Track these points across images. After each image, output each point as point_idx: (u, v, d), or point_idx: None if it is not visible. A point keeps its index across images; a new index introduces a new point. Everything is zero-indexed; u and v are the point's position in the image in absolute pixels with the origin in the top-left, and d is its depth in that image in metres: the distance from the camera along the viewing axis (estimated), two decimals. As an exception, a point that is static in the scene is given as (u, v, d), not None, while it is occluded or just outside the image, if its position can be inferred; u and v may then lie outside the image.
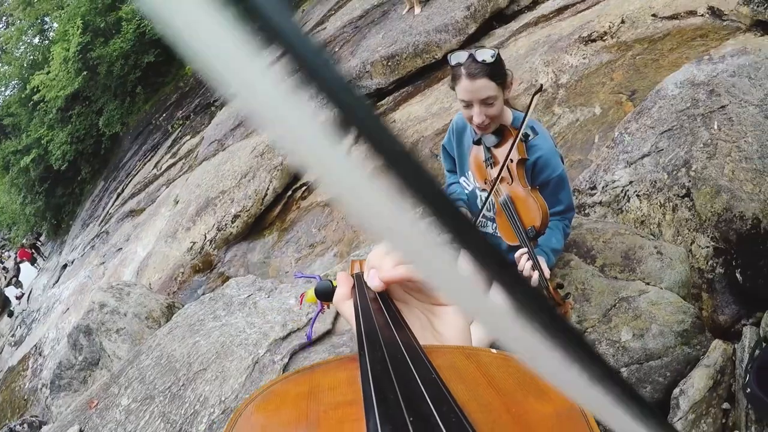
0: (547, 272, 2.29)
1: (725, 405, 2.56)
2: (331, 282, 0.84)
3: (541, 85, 2.48)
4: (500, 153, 2.44)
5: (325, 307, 1.53)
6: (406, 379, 0.43)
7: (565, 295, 2.38)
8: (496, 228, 2.57)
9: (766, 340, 2.51)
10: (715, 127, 3.31)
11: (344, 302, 0.66)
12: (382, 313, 0.57)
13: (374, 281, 0.61)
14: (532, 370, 0.35)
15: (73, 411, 3.94)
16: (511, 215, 2.34)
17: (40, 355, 11.42)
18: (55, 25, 23.33)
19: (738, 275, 2.91)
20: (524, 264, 2.27)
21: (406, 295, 0.66)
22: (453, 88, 2.40)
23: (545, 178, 2.44)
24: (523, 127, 2.31)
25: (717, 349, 2.62)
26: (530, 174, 2.44)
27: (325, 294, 1.26)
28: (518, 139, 2.35)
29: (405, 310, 0.63)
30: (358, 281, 0.67)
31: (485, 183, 2.52)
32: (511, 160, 2.37)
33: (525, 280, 0.38)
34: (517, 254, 2.32)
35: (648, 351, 2.64)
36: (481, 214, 2.65)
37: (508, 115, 2.52)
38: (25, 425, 6.31)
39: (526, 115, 2.31)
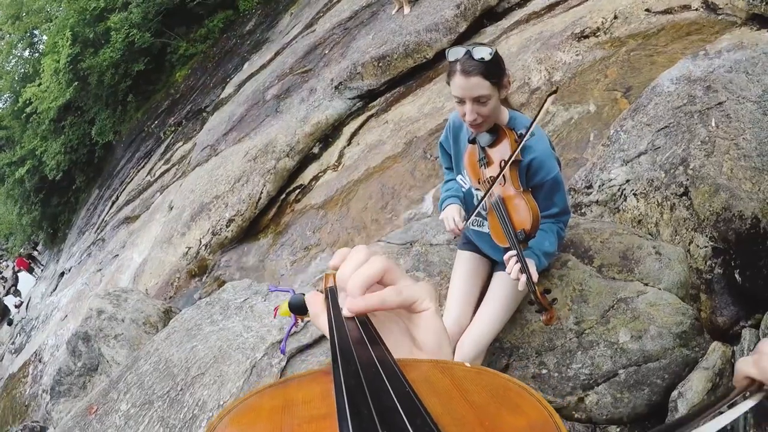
0: (535, 276, 2.26)
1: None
2: (305, 296, 0.83)
3: (557, 87, 2.44)
4: (494, 153, 2.42)
5: (299, 320, 1.51)
6: (380, 392, 0.43)
7: (552, 301, 2.35)
8: (489, 227, 2.54)
9: (764, 341, 2.48)
10: (713, 124, 3.27)
11: (320, 316, 0.65)
12: (356, 326, 0.57)
13: (354, 305, 0.58)
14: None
15: (74, 417, 3.97)
16: (502, 217, 2.30)
17: (40, 361, 11.51)
18: (45, 37, 23.61)
19: (737, 276, 2.87)
20: (512, 266, 2.25)
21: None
22: (449, 83, 2.37)
23: (539, 180, 2.40)
24: (532, 127, 2.26)
25: (716, 351, 2.59)
26: (524, 176, 2.41)
27: (299, 308, 1.24)
28: (516, 141, 2.33)
29: (379, 321, 0.62)
30: (332, 295, 0.65)
31: (479, 183, 2.49)
32: (504, 161, 2.34)
33: None
34: (506, 256, 2.30)
35: (646, 353, 2.61)
36: (477, 213, 2.63)
37: (505, 115, 2.49)
38: (27, 430, 6.33)
39: (535, 118, 2.27)
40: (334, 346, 0.53)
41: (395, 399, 0.42)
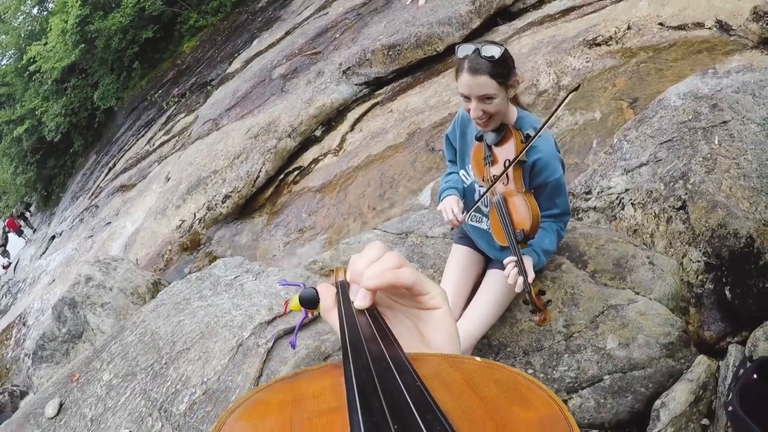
0: (531, 276, 2.27)
1: (704, 421, 2.55)
2: (315, 290, 0.83)
3: (579, 84, 2.44)
4: (499, 152, 2.42)
5: (309, 314, 1.52)
6: (391, 386, 0.43)
7: (547, 302, 2.36)
8: (489, 225, 2.55)
9: (750, 359, 2.50)
10: (716, 142, 3.29)
11: (330, 311, 0.66)
12: (367, 321, 0.57)
13: (360, 300, 0.59)
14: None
15: (55, 383, 3.91)
16: (503, 216, 2.32)
17: (24, 325, 11.47)
18: (55, -5, 23.36)
19: (727, 292, 2.89)
20: (510, 270, 2.27)
21: (391, 301, 0.64)
22: (456, 79, 2.38)
23: (542, 180, 2.41)
24: (544, 127, 2.27)
25: (701, 364, 2.61)
26: (528, 175, 2.42)
27: (310, 302, 1.25)
28: (523, 142, 2.34)
29: (390, 316, 0.63)
30: (342, 289, 0.66)
31: (482, 180, 2.50)
32: (509, 161, 2.35)
33: None
34: (506, 260, 2.31)
35: (632, 361, 2.64)
36: (476, 208, 2.64)
37: (513, 114, 2.50)
38: (6, 394, 6.32)
39: (551, 115, 2.27)
40: (345, 340, 0.54)
41: (406, 393, 0.42)
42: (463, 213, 2.57)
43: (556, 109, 2.23)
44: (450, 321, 0.62)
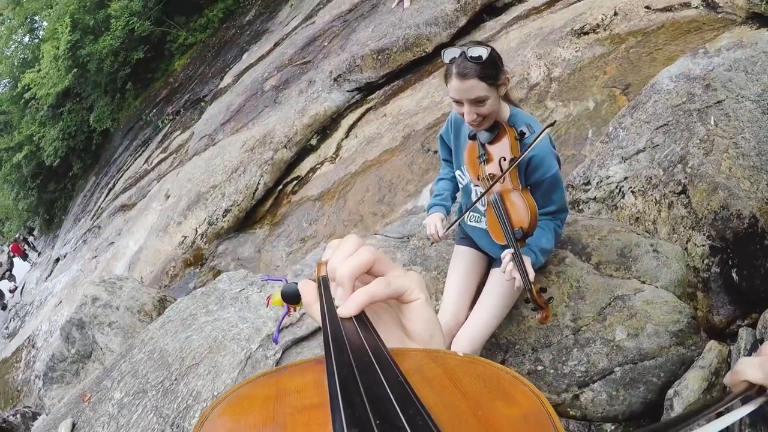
0: (531, 274, 2.26)
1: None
2: (298, 285, 0.82)
3: (555, 121, 2.44)
4: (494, 150, 2.41)
5: (292, 310, 1.51)
6: (373, 381, 0.44)
7: (548, 299, 2.35)
8: (487, 224, 2.54)
9: (761, 341, 2.48)
10: (712, 122, 3.27)
11: (312, 305, 0.65)
12: (349, 317, 0.57)
13: (346, 309, 0.57)
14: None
15: (67, 404, 3.96)
16: (500, 214, 2.30)
17: (33, 347, 11.56)
18: (45, 23, 23.77)
19: (734, 275, 2.87)
20: (506, 265, 2.27)
21: None
22: (446, 84, 2.36)
23: (538, 177, 2.39)
24: (530, 149, 2.27)
25: (712, 350, 2.59)
26: (524, 173, 2.40)
27: (292, 297, 1.24)
28: (516, 139, 2.34)
29: (371, 311, 0.61)
30: (324, 284, 0.65)
31: (478, 179, 2.48)
32: (504, 158, 2.33)
33: None
34: (503, 254, 2.30)
35: (642, 351, 2.62)
36: (475, 208, 2.63)
37: (505, 111, 2.48)
38: (18, 416, 6.32)
39: (527, 148, 2.26)
40: (327, 335, 0.53)
41: (388, 388, 0.42)
42: (445, 230, 2.69)
43: (531, 146, 2.23)
44: (428, 309, 0.62)
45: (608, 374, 2.63)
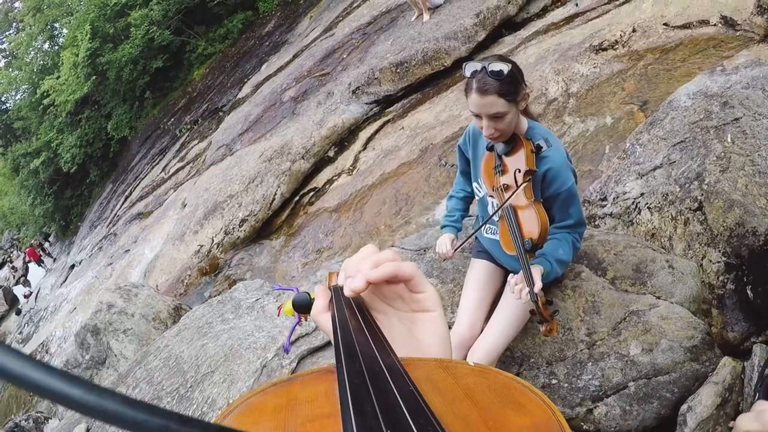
0: (538, 286, 2.26)
1: (732, 423, 2.52)
2: (309, 294, 0.85)
3: (534, 172, 2.47)
4: (509, 161, 2.43)
5: (303, 319, 1.52)
6: (384, 391, 0.44)
7: (554, 312, 2.36)
8: (499, 234, 2.56)
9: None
10: (729, 140, 3.28)
11: (322, 314, 0.67)
12: (360, 325, 0.58)
13: (356, 282, 0.59)
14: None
15: (80, 409, 3.95)
16: (511, 225, 2.32)
17: (47, 352, 11.59)
18: (65, 30, 23.97)
19: (749, 292, 2.87)
20: (513, 284, 2.31)
21: (385, 305, 0.65)
22: (466, 98, 2.39)
23: (554, 190, 2.41)
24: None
25: (726, 366, 2.59)
26: (539, 186, 2.42)
27: (303, 306, 1.26)
28: (533, 152, 2.37)
29: (383, 321, 0.64)
30: (336, 294, 0.67)
31: (492, 189, 2.51)
32: (519, 170, 2.36)
33: None
34: (511, 280, 2.37)
35: (657, 366, 2.62)
36: (491, 221, 2.65)
37: (523, 124, 2.51)
38: (31, 420, 6.35)
39: (508, 199, 2.34)
40: (338, 344, 0.54)
41: (399, 398, 0.43)
42: (454, 250, 2.80)
43: (514, 192, 2.30)
44: (443, 325, 0.63)
45: (622, 389, 2.64)
